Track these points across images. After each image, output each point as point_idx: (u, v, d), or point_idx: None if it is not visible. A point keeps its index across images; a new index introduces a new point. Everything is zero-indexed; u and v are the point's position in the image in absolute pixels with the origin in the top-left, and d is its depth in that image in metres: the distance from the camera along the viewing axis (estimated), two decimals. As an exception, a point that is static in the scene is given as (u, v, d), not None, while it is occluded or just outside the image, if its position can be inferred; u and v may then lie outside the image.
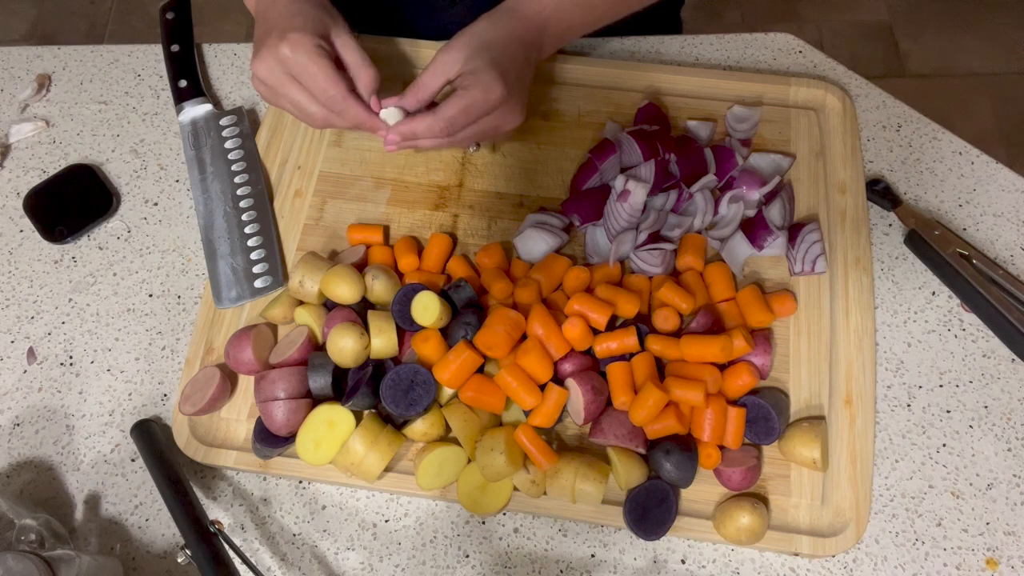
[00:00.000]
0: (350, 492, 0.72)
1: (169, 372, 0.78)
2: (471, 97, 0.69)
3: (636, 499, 0.67)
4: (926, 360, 0.77)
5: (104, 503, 0.73)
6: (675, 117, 0.87)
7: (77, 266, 0.83)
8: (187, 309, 0.81)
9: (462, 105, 0.69)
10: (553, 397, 0.68)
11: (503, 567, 0.69)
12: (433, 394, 0.67)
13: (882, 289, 0.80)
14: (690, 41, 0.94)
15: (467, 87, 0.70)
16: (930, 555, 0.69)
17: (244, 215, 0.82)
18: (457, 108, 0.69)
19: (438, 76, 0.72)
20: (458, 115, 0.70)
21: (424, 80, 0.72)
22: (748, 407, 0.69)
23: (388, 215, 0.82)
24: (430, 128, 0.70)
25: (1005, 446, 0.73)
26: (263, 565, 0.70)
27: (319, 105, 0.71)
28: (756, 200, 0.80)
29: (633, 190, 0.76)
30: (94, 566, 0.65)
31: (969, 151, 0.86)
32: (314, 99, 0.71)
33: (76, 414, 0.76)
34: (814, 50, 0.93)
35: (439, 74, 0.72)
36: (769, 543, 0.67)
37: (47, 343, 0.80)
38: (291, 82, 0.71)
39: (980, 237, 0.82)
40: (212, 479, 0.73)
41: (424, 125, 0.70)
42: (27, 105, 0.93)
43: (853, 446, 0.71)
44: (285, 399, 0.69)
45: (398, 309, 0.72)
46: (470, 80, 0.70)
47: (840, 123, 0.85)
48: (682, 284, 0.75)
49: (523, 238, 0.78)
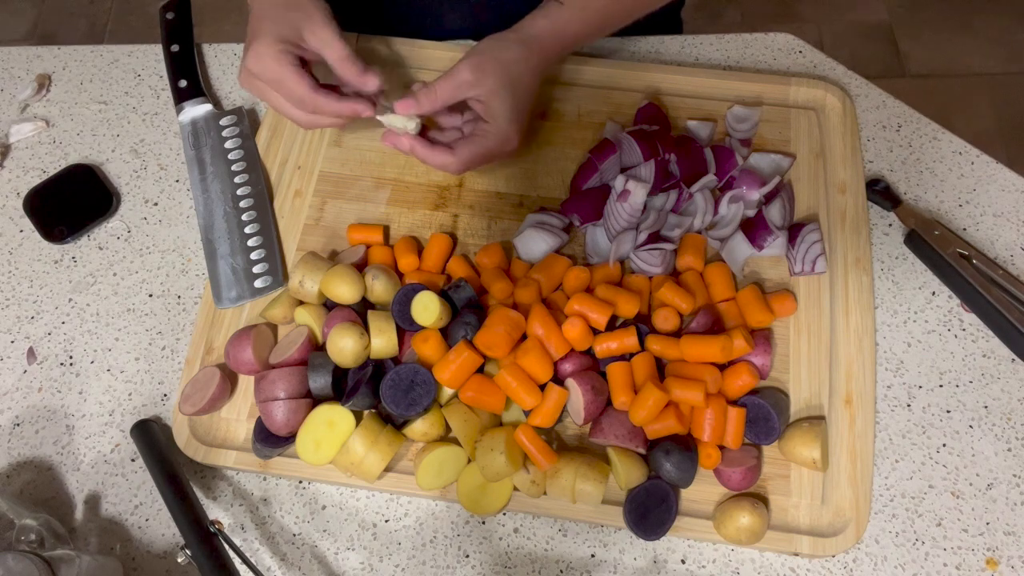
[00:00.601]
0: (350, 492, 0.72)
1: (169, 372, 0.78)
2: (488, 147, 0.73)
3: (636, 499, 0.67)
4: (926, 360, 0.76)
5: (104, 503, 0.73)
6: (675, 117, 0.87)
7: (77, 266, 0.83)
8: (187, 309, 0.81)
9: (480, 153, 0.73)
10: (553, 397, 0.68)
11: (503, 567, 0.69)
12: (433, 394, 0.67)
13: (882, 289, 0.80)
14: (690, 41, 0.94)
15: (486, 135, 0.73)
16: (930, 555, 0.69)
17: (244, 215, 0.82)
18: (474, 154, 0.73)
19: (458, 93, 0.72)
20: (473, 160, 0.73)
21: (441, 92, 0.72)
22: (748, 407, 0.69)
23: (388, 215, 0.82)
24: (444, 165, 0.73)
25: (1005, 446, 0.73)
26: (263, 565, 0.70)
27: (296, 108, 0.72)
28: (756, 200, 0.80)
29: (633, 190, 0.76)
30: (94, 566, 0.65)
31: (969, 151, 0.86)
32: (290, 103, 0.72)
33: (76, 414, 0.76)
34: (814, 50, 0.93)
35: (457, 91, 0.72)
36: (769, 543, 0.67)
37: (47, 343, 0.80)
38: (267, 91, 0.72)
39: (980, 237, 0.82)
40: (212, 479, 0.73)
41: (439, 161, 0.73)
42: (27, 105, 0.93)
43: (853, 446, 0.71)
44: (285, 399, 0.69)
45: (398, 309, 0.72)
46: (490, 128, 0.72)
47: (840, 123, 0.85)
48: (682, 284, 0.75)
49: (523, 238, 0.78)
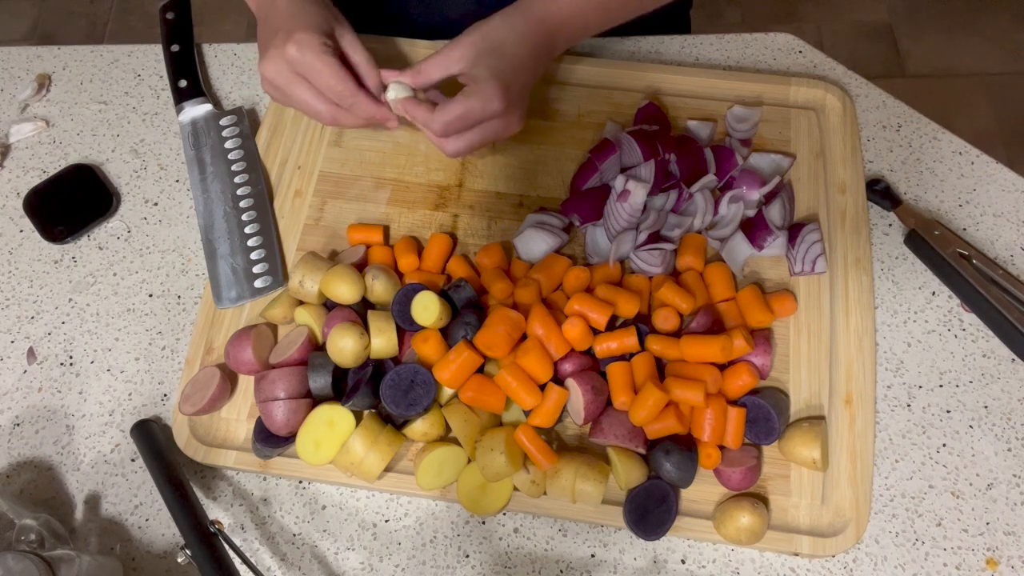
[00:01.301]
0: (350, 492, 0.72)
1: (169, 372, 0.78)
2: (469, 105, 0.70)
3: (636, 499, 0.67)
4: (926, 360, 0.77)
5: (104, 503, 0.73)
6: (675, 117, 0.87)
7: (77, 266, 0.83)
8: (187, 309, 0.81)
9: (459, 112, 0.70)
10: (553, 397, 0.68)
11: (503, 567, 0.69)
12: (433, 394, 0.67)
13: (882, 289, 0.80)
14: (690, 41, 0.94)
15: (467, 94, 0.70)
16: (930, 555, 0.69)
17: (244, 215, 0.82)
18: (454, 114, 0.70)
19: (440, 68, 0.72)
20: (454, 120, 0.70)
21: (426, 67, 0.72)
22: (748, 407, 0.69)
23: (388, 215, 0.82)
24: (426, 122, 0.71)
25: (1005, 446, 0.73)
26: (263, 565, 0.70)
27: (327, 103, 0.72)
28: (756, 200, 0.80)
29: (633, 190, 0.76)
30: (94, 566, 0.65)
31: (969, 151, 0.86)
32: (321, 97, 0.72)
33: (76, 414, 0.76)
34: (814, 50, 0.93)
35: (442, 67, 0.72)
36: (769, 543, 0.67)
37: (47, 343, 0.80)
38: (299, 81, 0.72)
39: (980, 237, 0.82)
40: (212, 479, 0.73)
41: (422, 117, 0.72)
42: (27, 105, 0.93)
43: (853, 446, 0.71)
44: (285, 399, 0.69)
45: (398, 309, 0.72)
46: (471, 87, 0.70)
47: (840, 123, 0.85)
48: (682, 284, 0.75)
49: (523, 238, 0.78)
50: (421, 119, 0.72)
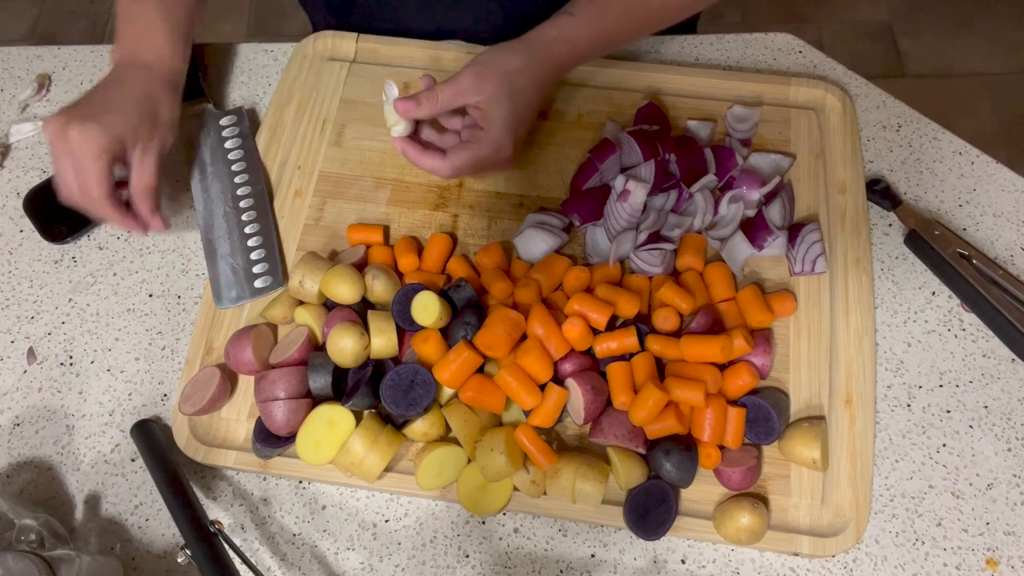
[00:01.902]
0: (350, 492, 0.72)
1: (169, 372, 0.78)
2: (481, 153, 0.72)
3: (636, 499, 0.67)
4: (926, 360, 0.76)
5: (104, 503, 0.73)
6: (675, 117, 0.87)
7: (77, 266, 0.83)
8: (187, 309, 0.81)
9: (472, 159, 0.72)
10: (553, 397, 0.68)
11: (503, 567, 0.69)
12: (433, 394, 0.67)
13: (882, 289, 0.80)
14: (690, 41, 0.94)
15: (479, 140, 0.72)
16: (930, 555, 0.69)
17: (244, 215, 0.82)
18: (466, 160, 0.72)
19: (458, 99, 0.72)
20: (465, 166, 0.73)
21: (442, 97, 0.72)
22: (748, 407, 0.69)
23: (388, 215, 0.82)
24: (435, 169, 0.73)
25: (1005, 446, 0.73)
26: (263, 565, 0.70)
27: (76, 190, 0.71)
28: (756, 200, 0.80)
29: (633, 190, 0.76)
30: (94, 566, 0.65)
31: (969, 151, 0.86)
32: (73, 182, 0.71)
33: (76, 414, 0.76)
34: (814, 50, 0.93)
35: (459, 98, 0.72)
36: (769, 543, 0.67)
37: (47, 343, 0.80)
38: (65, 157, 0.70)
39: (980, 237, 0.82)
40: (212, 479, 0.73)
41: (430, 165, 0.73)
42: (27, 105, 0.93)
43: (853, 446, 0.71)
44: (285, 399, 0.69)
45: (398, 309, 0.72)
46: (483, 133, 0.72)
47: (840, 123, 0.85)
48: (682, 284, 0.75)
49: (523, 238, 0.78)
50: (429, 167, 0.73)
